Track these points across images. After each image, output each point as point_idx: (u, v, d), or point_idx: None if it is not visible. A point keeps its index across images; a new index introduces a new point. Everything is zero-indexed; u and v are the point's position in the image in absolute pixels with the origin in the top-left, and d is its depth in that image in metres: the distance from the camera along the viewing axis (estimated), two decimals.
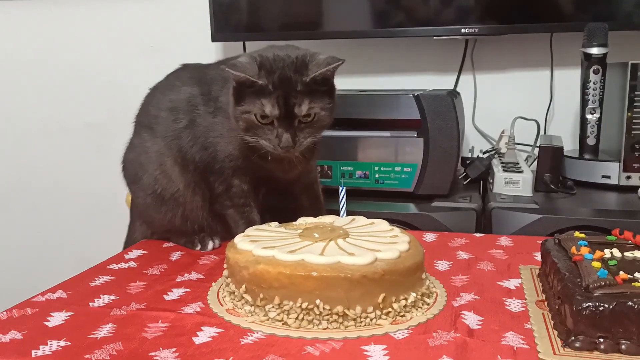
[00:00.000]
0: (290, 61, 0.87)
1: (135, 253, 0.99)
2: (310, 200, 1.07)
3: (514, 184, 1.20)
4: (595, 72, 1.25)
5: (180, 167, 0.99)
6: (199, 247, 1.01)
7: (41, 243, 1.88)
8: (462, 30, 1.41)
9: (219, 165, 0.97)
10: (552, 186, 1.21)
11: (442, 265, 0.90)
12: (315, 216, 0.91)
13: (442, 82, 1.57)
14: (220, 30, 1.53)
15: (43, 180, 1.85)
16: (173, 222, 1.02)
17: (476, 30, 1.41)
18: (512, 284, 0.81)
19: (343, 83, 1.60)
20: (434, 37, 1.48)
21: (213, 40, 1.55)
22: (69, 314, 0.74)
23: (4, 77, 1.82)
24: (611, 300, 0.60)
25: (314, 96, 0.86)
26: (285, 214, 0.94)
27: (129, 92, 1.75)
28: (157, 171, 1.01)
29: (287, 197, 1.05)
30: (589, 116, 1.28)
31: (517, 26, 1.41)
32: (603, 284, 0.63)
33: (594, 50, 1.24)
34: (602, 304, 0.60)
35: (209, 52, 1.58)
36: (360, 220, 0.88)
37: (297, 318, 0.68)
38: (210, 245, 1.01)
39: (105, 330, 0.69)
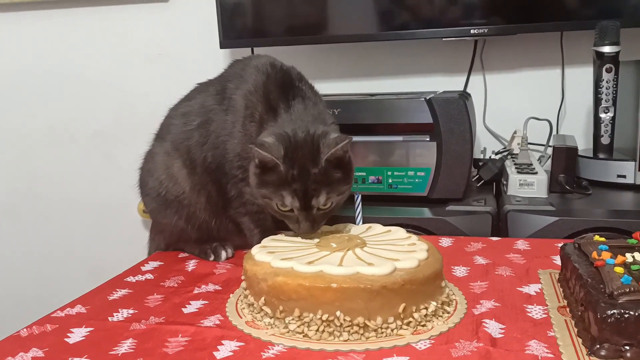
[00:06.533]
0: (307, 148, 0.86)
1: (152, 265, 0.99)
2: None
3: (529, 186, 1.18)
4: (608, 70, 1.24)
5: (187, 170, 0.99)
6: (212, 258, 1.01)
7: (50, 251, 1.88)
8: (471, 31, 1.40)
9: (229, 165, 0.96)
10: (567, 187, 1.20)
11: (460, 271, 0.89)
12: None
13: (451, 83, 1.56)
14: (229, 37, 1.53)
15: (52, 188, 1.85)
16: (179, 225, 1.01)
17: (485, 30, 1.40)
18: (532, 289, 0.81)
19: (351, 87, 1.62)
20: (443, 39, 1.47)
21: (221, 47, 1.54)
22: (88, 329, 0.74)
23: (12, 86, 1.83)
24: (636, 307, 0.60)
25: (330, 184, 0.86)
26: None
27: (137, 100, 1.78)
28: (163, 175, 1.01)
29: None
30: (602, 115, 1.26)
31: (526, 25, 1.39)
32: (627, 290, 0.62)
33: (606, 49, 1.23)
34: (627, 311, 0.59)
35: (217, 59, 1.58)
36: (377, 228, 0.87)
37: (317, 330, 0.68)
38: (223, 255, 1.01)
39: (125, 346, 0.68)
